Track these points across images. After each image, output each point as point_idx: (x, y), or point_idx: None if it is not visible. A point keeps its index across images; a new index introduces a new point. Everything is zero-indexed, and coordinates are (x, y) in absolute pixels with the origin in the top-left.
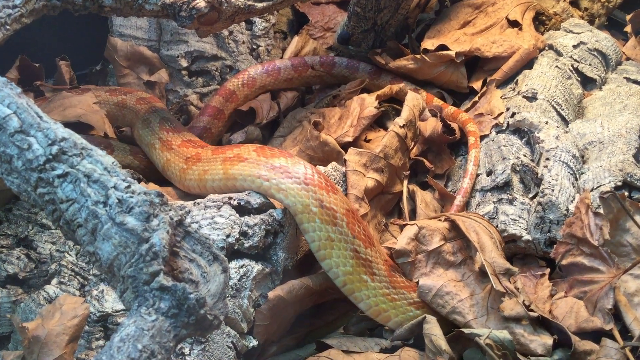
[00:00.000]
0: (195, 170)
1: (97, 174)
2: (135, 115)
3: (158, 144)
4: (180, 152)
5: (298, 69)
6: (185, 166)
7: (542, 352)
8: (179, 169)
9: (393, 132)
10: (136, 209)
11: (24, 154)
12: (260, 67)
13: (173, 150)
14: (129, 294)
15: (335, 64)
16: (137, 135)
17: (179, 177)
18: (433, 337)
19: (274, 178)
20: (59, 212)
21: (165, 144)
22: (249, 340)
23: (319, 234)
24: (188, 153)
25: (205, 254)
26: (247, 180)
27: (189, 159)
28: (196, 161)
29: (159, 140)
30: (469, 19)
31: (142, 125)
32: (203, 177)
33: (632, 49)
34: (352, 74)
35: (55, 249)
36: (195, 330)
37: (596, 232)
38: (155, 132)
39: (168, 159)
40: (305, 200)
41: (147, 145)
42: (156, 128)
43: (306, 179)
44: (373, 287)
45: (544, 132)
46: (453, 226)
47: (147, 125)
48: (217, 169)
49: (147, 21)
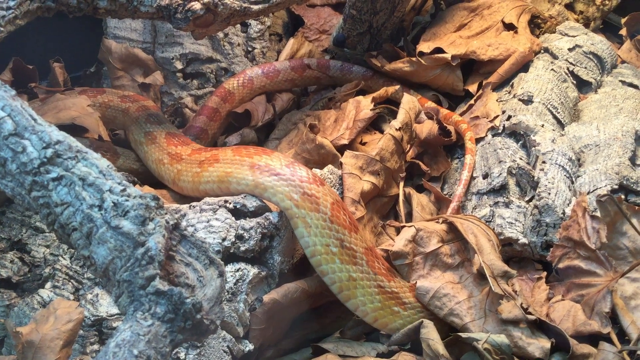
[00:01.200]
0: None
1: (92, 177)
2: (129, 117)
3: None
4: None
5: (298, 70)
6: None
7: (540, 355)
8: (191, 174)
9: (389, 135)
10: (132, 212)
11: (18, 157)
12: (258, 68)
13: (183, 159)
14: (125, 298)
15: (329, 66)
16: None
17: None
18: (430, 341)
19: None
20: (53, 216)
21: (174, 156)
22: (245, 344)
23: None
24: (202, 157)
25: (201, 258)
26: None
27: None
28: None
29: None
30: (465, 22)
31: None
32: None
33: (628, 52)
34: (344, 76)
35: (49, 252)
36: (192, 335)
37: (593, 236)
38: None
39: (179, 169)
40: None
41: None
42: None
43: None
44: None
45: (539, 135)
46: (451, 228)
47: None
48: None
49: (141, 23)
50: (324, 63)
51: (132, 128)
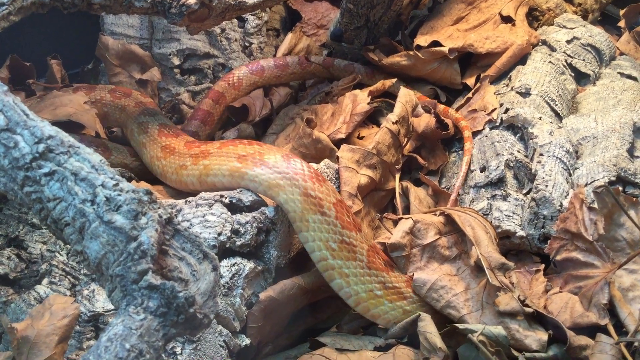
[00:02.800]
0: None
1: (84, 172)
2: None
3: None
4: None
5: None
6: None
7: (537, 347)
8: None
9: (386, 128)
10: (124, 207)
11: (10, 152)
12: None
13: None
14: (118, 293)
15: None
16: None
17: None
18: (428, 334)
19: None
20: (46, 211)
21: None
22: (242, 339)
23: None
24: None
25: (195, 252)
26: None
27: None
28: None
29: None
30: (462, 15)
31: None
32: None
33: (626, 44)
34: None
35: (46, 248)
36: (185, 329)
37: (591, 227)
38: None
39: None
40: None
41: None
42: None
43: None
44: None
45: (537, 128)
46: (448, 220)
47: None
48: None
49: (138, 19)
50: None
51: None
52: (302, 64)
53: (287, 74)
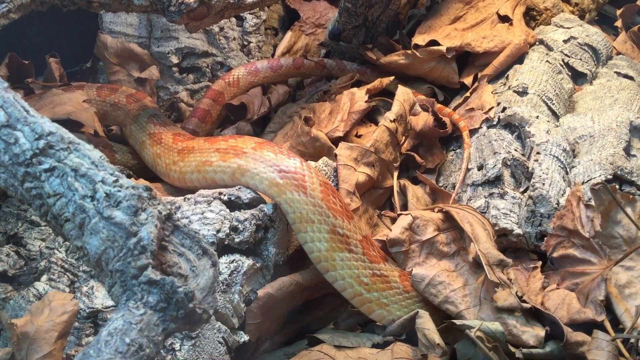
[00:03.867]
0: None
1: (84, 168)
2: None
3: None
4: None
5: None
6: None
7: (534, 343)
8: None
9: (384, 126)
10: (124, 203)
11: (11, 148)
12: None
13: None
14: (117, 288)
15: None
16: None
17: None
18: (426, 331)
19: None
20: (46, 207)
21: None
22: (240, 335)
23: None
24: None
25: (194, 248)
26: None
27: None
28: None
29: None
30: (460, 15)
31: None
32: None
33: (623, 44)
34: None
35: (44, 245)
36: (184, 324)
37: (587, 224)
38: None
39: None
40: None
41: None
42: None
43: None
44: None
45: (534, 127)
46: (447, 217)
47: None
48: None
49: (137, 18)
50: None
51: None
52: (296, 65)
53: (282, 75)
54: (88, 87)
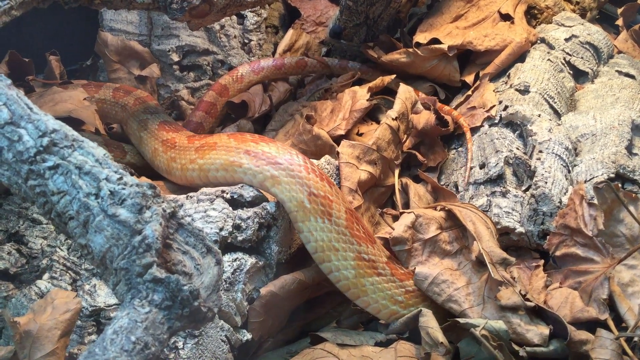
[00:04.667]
0: None
1: (88, 166)
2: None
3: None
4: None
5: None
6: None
7: (539, 341)
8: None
9: (386, 124)
10: (128, 200)
11: (14, 146)
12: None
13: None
14: (122, 286)
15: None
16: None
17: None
18: (430, 329)
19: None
20: (50, 205)
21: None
22: (243, 334)
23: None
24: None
25: (198, 246)
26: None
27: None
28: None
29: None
30: (461, 13)
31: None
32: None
33: (624, 42)
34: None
35: (46, 244)
36: (189, 323)
37: (590, 223)
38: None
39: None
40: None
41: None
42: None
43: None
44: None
45: (536, 125)
46: (449, 215)
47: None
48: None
49: (137, 15)
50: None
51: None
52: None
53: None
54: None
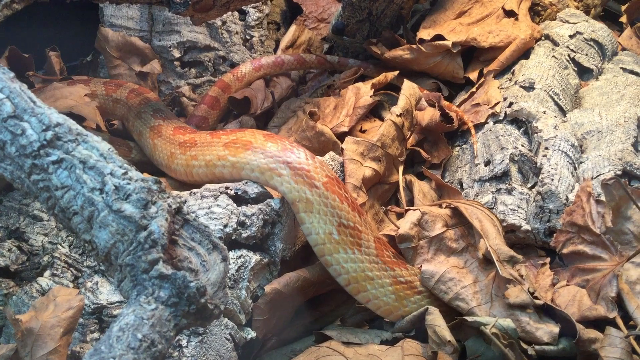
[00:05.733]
0: None
1: (93, 160)
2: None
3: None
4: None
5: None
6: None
7: (549, 340)
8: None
9: (390, 120)
10: (134, 195)
11: (18, 140)
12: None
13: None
14: (127, 282)
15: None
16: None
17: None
18: (437, 328)
19: None
20: (53, 200)
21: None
22: (247, 332)
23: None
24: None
25: (204, 243)
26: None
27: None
28: None
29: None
30: (465, 9)
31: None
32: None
33: (628, 40)
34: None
35: (47, 240)
36: (196, 320)
37: (598, 220)
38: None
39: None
40: None
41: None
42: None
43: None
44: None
45: (542, 122)
46: (455, 213)
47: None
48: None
49: (138, 11)
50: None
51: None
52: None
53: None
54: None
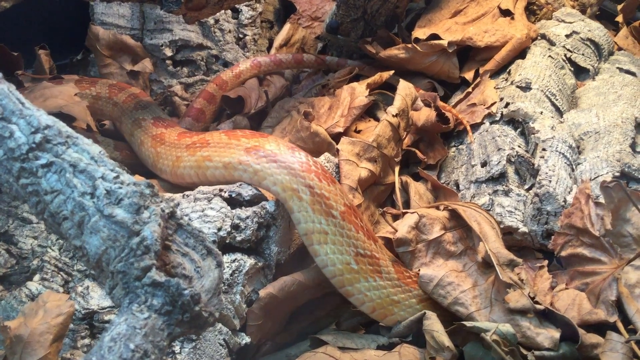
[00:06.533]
0: None
1: (83, 164)
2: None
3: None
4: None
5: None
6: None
7: (550, 345)
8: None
9: (386, 121)
10: (125, 200)
11: (6, 143)
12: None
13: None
14: (119, 290)
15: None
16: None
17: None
18: (435, 333)
19: None
20: (43, 204)
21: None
22: (242, 337)
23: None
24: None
25: (198, 248)
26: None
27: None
28: None
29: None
30: (460, 8)
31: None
32: None
33: (624, 39)
34: None
35: (37, 244)
36: (190, 328)
37: (597, 223)
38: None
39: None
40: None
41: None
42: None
43: None
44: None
45: (539, 123)
46: (453, 215)
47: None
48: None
49: (129, 9)
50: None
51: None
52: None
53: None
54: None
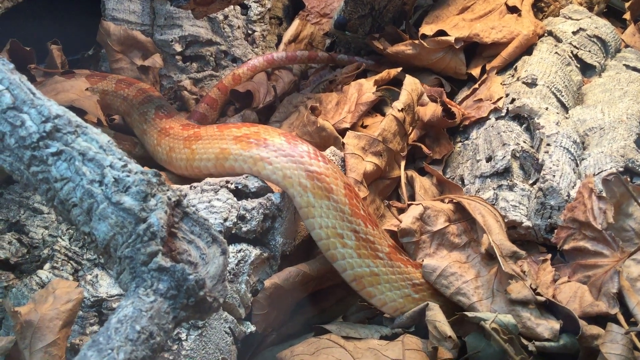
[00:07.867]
0: None
1: (92, 152)
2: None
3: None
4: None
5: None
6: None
7: (549, 336)
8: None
9: (392, 115)
10: (133, 188)
11: (17, 131)
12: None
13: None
14: (126, 275)
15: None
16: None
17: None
18: (437, 323)
19: None
20: (53, 192)
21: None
22: (247, 326)
23: None
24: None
25: (204, 236)
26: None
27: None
28: None
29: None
30: (468, 5)
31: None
32: None
33: (631, 36)
34: None
35: (47, 233)
36: (195, 313)
37: (600, 216)
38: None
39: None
40: None
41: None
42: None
43: None
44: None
45: (544, 118)
46: (457, 208)
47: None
48: None
49: (140, 5)
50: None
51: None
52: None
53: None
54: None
